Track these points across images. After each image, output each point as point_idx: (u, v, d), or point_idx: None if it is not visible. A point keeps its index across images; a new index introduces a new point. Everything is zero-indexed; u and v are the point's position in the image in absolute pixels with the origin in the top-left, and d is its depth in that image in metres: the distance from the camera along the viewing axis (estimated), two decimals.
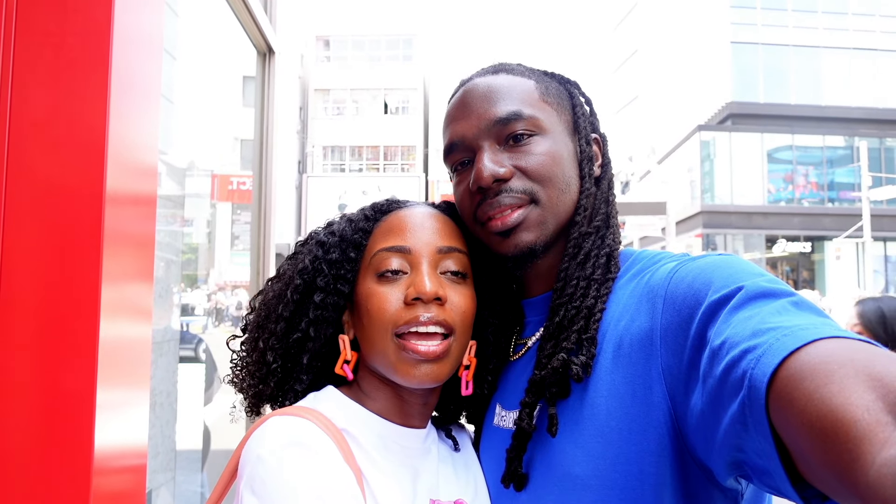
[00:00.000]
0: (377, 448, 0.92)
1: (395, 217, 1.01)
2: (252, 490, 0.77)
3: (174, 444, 2.66)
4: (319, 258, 1.00)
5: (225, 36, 3.09)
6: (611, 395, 0.85)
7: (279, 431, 0.82)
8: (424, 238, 0.97)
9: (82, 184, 0.83)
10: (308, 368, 1.01)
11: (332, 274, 0.98)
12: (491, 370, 1.06)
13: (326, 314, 0.99)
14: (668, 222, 16.21)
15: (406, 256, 0.95)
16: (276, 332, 0.99)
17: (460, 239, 1.01)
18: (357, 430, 0.91)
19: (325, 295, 0.98)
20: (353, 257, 0.99)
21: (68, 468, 0.81)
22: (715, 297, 0.75)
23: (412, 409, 0.99)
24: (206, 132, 5.83)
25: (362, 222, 1.02)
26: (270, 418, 0.85)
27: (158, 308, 2.61)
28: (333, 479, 0.79)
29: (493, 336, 1.05)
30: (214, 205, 6.49)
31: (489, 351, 1.06)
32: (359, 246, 1.00)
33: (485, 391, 1.06)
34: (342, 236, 1.01)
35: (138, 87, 0.94)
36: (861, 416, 0.49)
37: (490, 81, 1.02)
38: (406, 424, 0.98)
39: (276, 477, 0.76)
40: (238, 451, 0.87)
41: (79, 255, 0.83)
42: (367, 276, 0.97)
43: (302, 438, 0.81)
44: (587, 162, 1.02)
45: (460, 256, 0.99)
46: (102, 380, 0.83)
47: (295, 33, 19.24)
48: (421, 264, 0.94)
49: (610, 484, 0.82)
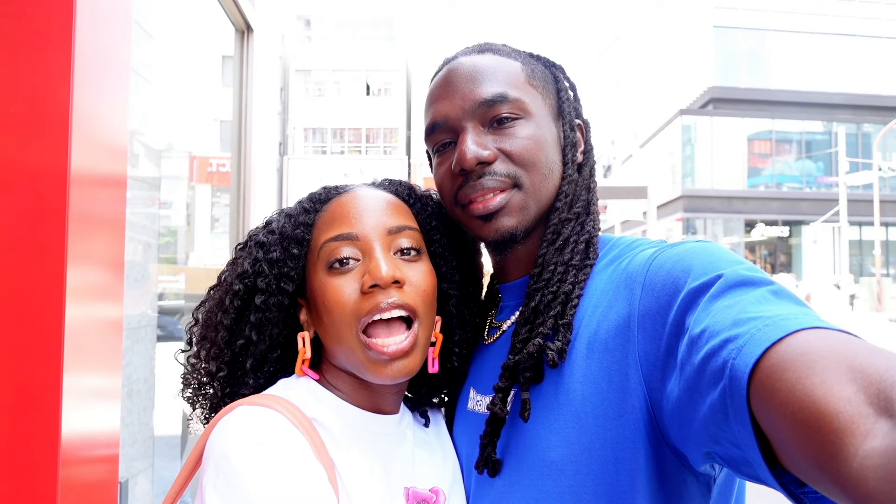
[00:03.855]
0: (349, 437, 0.90)
1: (337, 204, 0.97)
2: (215, 488, 0.74)
3: (152, 432, 2.63)
4: (259, 259, 0.96)
5: (204, 14, 3.02)
6: (586, 381, 0.84)
7: (246, 425, 0.79)
8: (371, 221, 0.93)
9: (45, 163, 0.79)
10: (254, 372, 0.97)
11: (274, 274, 0.94)
12: (457, 342, 1.05)
13: (270, 315, 0.95)
14: (650, 206, 16.35)
15: (355, 243, 0.92)
16: (217, 342, 0.95)
17: (409, 215, 0.99)
18: (327, 419, 0.89)
19: (266, 296, 0.94)
20: (297, 253, 0.95)
21: (34, 459, 0.78)
22: (694, 284, 0.74)
23: (383, 397, 0.97)
24: (185, 113, 5.73)
25: (302, 215, 0.98)
26: (238, 407, 0.83)
27: (135, 292, 2.57)
28: (301, 480, 0.77)
29: (455, 308, 1.03)
30: (194, 187, 6.41)
31: (453, 323, 1.04)
32: (301, 241, 0.96)
33: (455, 363, 1.05)
34: (282, 233, 0.96)
35: (106, 61, 0.90)
36: (843, 408, 0.50)
37: (476, 61, 1.00)
38: (378, 411, 0.97)
39: (241, 477, 0.74)
40: (204, 438, 0.85)
41: (43, 237, 0.80)
42: (318, 270, 0.93)
43: (269, 434, 0.79)
44: (570, 148, 1.01)
45: (411, 233, 0.96)
46: (70, 366, 0.80)
47: (275, 11, 18.91)
48: (373, 249, 0.91)
49: (585, 469, 0.82)
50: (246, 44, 2.55)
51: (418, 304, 0.91)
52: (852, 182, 24.32)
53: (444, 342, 1.04)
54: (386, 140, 34.53)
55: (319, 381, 0.96)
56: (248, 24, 2.50)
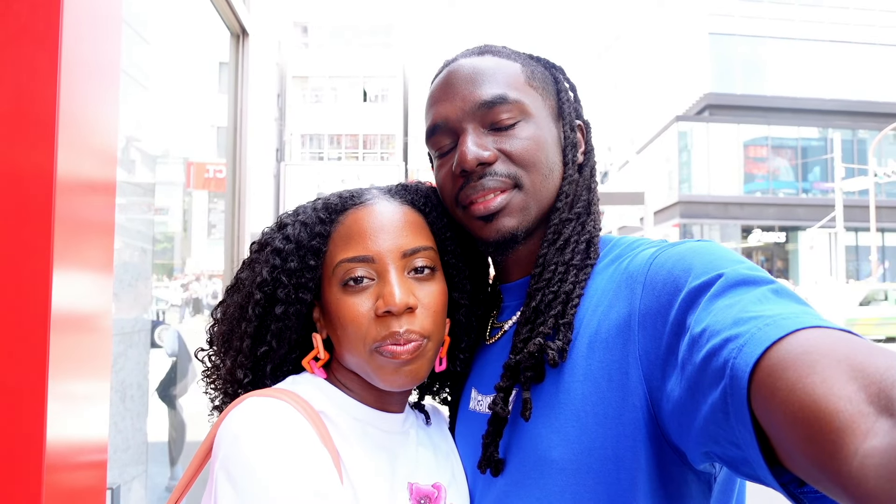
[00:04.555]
0: (355, 432, 0.91)
1: (353, 220, 0.96)
2: (227, 473, 0.75)
3: (146, 437, 2.61)
4: (278, 268, 0.95)
5: (200, 19, 3.02)
6: (587, 380, 0.84)
7: (256, 414, 0.81)
8: (388, 243, 0.93)
9: (31, 166, 0.78)
10: (272, 374, 0.98)
11: (293, 284, 0.95)
12: (463, 348, 1.05)
13: (290, 323, 0.96)
14: (647, 212, 16.40)
15: (370, 265, 0.92)
16: (242, 350, 0.96)
17: (425, 231, 0.99)
18: (335, 413, 0.90)
19: (286, 306, 0.95)
20: (313, 265, 0.95)
21: (17, 464, 0.77)
22: (695, 283, 0.74)
23: (391, 395, 0.98)
24: (182, 119, 5.72)
25: (318, 226, 0.97)
26: (247, 399, 0.84)
27: (129, 298, 2.55)
28: (310, 465, 0.78)
29: (464, 317, 1.04)
30: (190, 193, 6.39)
31: (461, 330, 1.05)
32: (318, 252, 0.95)
33: (458, 368, 1.06)
34: (299, 243, 0.96)
35: (94, 63, 0.88)
36: (843, 407, 0.49)
37: (475, 63, 1.00)
38: (384, 409, 0.98)
39: (251, 463, 0.75)
40: (213, 432, 0.85)
41: (27, 242, 0.78)
42: (332, 285, 0.94)
43: (278, 421, 0.80)
44: (571, 148, 1.01)
45: (427, 253, 0.96)
46: (55, 372, 0.79)
47: (271, 16, 19.02)
48: (387, 272, 0.91)
49: (585, 468, 0.82)
50: (241, 48, 2.55)
51: (428, 328, 0.92)
52: (848, 188, 24.38)
53: (449, 347, 1.05)
54: (383, 146, 34.57)
55: (327, 378, 0.98)
56: (243, 27, 2.49)
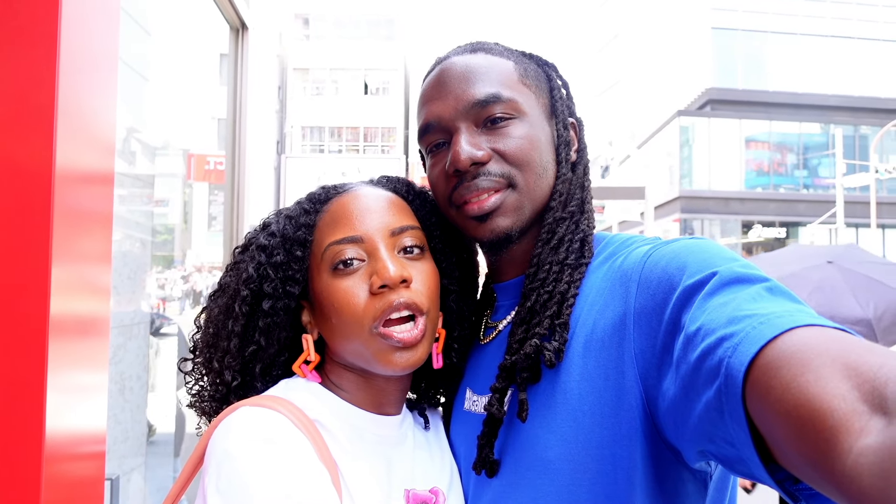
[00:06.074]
0: (351, 439, 0.89)
1: (338, 205, 0.96)
2: (217, 488, 0.74)
3: (145, 429, 2.62)
4: (263, 263, 0.95)
5: (201, 12, 3.01)
6: (583, 379, 0.84)
7: (249, 425, 0.79)
8: (375, 223, 0.93)
9: (30, 158, 0.78)
10: (262, 377, 0.96)
11: (280, 277, 0.94)
12: (456, 338, 1.05)
13: (278, 319, 0.94)
14: (647, 207, 16.33)
15: (359, 245, 0.92)
16: (230, 350, 0.94)
17: (410, 213, 0.99)
18: (330, 420, 0.89)
19: (273, 301, 0.94)
20: (300, 255, 0.95)
21: (17, 455, 0.77)
22: (689, 281, 0.74)
23: (387, 396, 0.97)
24: (182, 111, 5.72)
25: (303, 217, 0.97)
26: (240, 408, 0.82)
27: (128, 290, 2.56)
28: (303, 480, 0.76)
29: (455, 304, 1.04)
30: (191, 185, 6.40)
31: (453, 319, 1.04)
32: (304, 242, 0.95)
33: (453, 360, 1.05)
34: (284, 236, 0.96)
35: (93, 54, 0.89)
36: (837, 406, 0.50)
37: (468, 61, 0.99)
38: (380, 412, 0.96)
39: (243, 477, 0.73)
40: (205, 439, 0.84)
41: (26, 233, 0.79)
42: (322, 272, 0.93)
43: (272, 434, 0.78)
44: (564, 146, 1.01)
45: (414, 232, 0.96)
46: (54, 364, 0.79)
47: (271, 10, 18.88)
48: (377, 250, 0.91)
49: (582, 468, 0.82)
50: (240, 41, 2.54)
51: (424, 302, 0.92)
52: (849, 184, 24.31)
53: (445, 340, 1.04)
54: (384, 139, 34.44)
55: (322, 382, 0.96)
56: (242, 22, 2.49)
